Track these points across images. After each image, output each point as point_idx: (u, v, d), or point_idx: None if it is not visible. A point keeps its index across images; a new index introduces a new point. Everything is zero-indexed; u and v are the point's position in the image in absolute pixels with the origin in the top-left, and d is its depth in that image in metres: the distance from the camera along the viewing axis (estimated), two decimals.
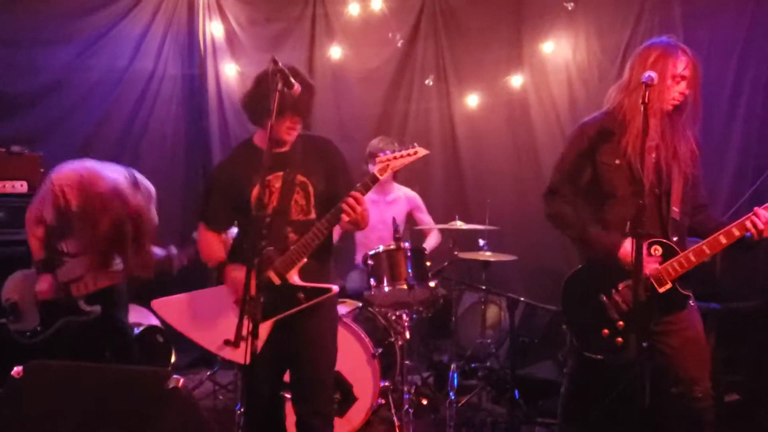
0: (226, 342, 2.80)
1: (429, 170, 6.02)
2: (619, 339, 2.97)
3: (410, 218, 5.27)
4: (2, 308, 3.98)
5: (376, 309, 4.39)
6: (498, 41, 5.89)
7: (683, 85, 2.97)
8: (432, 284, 4.34)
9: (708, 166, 4.75)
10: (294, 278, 2.91)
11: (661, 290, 2.94)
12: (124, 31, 5.65)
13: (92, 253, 3.76)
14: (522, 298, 4.68)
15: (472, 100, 5.95)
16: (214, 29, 6.02)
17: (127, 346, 4.10)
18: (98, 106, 5.59)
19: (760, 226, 2.84)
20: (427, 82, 6.08)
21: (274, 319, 2.88)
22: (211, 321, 2.96)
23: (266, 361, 2.85)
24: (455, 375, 4.59)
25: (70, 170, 3.79)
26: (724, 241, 2.88)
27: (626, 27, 5.30)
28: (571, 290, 3.15)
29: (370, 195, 3.30)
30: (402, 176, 5.23)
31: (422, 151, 2.90)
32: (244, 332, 2.50)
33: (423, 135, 6.13)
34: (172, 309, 3.07)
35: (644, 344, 2.80)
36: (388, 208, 5.10)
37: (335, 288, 2.96)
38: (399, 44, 6.05)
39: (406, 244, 4.30)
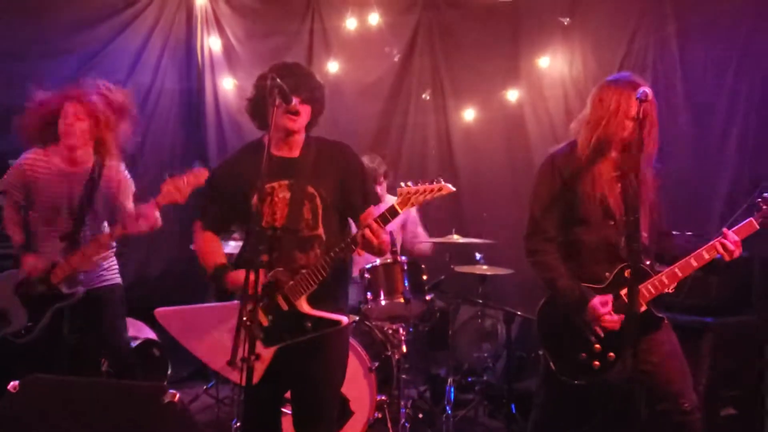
0: (230, 363, 2.64)
1: None
2: (596, 362, 2.95)
3: (404, 229, 5.27)
4: None
5: (373, 322, 4.39)
6: (494, 56, 5.91)
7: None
8: (428, 298, 4.34)
9: (703, 182, 4.85)
10: (303, 306, 2.73)
11: None
12: (122, 46, 5.67)
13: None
14: (518, 312, 4.69)
15: (469, 114, 5.97)
16: (212, 43, 6.05)
17: (125, 359, 4.08)
18: None
19: (730, 247, 2.86)
20: (423, 96, 6.11)
21: (277, 346, 2.75)
22: (216, 338, 2.82)
23: (269, 380, 2.74)
24: (452, 389, 4.60)
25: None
26: (695, 263, 2.91)
27: (622, 42, 5.32)
28: (547, 314, 3.12)
29: None
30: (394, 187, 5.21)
31: (447, 188, 2.64)
32: (244, 354, 2.42)
33: (420, 149, 6.18)
34: (177, 320, 2.91)
35: (610, 354, 2.91)
36: None
37: (345, 320, 2.78)
38: (396, 58, 6.08)
39: (403, 258, 4.31)
